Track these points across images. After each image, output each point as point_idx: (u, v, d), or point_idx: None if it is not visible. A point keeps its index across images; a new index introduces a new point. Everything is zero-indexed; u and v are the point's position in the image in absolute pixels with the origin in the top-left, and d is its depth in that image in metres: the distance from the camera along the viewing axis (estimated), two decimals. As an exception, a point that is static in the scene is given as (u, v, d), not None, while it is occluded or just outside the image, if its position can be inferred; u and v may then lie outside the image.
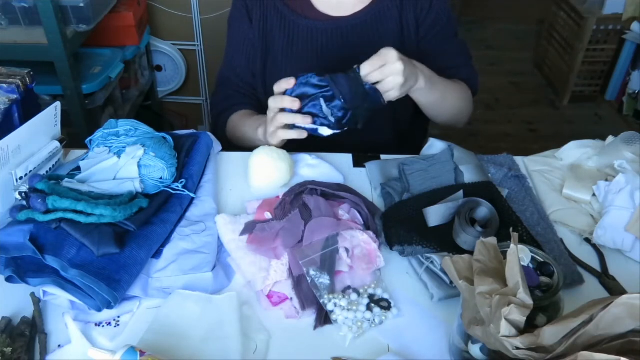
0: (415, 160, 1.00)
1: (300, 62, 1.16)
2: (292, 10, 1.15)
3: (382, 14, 1.14)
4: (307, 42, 1.15)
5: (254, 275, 0.80)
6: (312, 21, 1.14)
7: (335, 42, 1.15)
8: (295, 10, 1.15)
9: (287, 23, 1.15)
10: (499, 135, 2.72)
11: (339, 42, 1.15)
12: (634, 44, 2.64)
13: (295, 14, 1.15)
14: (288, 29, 1.16)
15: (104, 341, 0.73)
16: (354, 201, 0.90)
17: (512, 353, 0.55)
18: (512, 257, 0.59)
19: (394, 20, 1.14)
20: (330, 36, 1.15)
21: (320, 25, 1.14)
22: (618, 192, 0.88)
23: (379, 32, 1.14)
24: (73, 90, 1.65)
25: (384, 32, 1.14)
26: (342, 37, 1.14)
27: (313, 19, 1.14)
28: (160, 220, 0.84)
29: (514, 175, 0.99)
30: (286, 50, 1.16)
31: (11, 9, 1.59)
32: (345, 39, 1.14)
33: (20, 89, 0.97)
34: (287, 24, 1.15)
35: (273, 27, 1.16)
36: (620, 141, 1.00)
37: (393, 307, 0.77)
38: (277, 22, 1.16)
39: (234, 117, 1.19)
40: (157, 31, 2.28)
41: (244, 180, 1.00)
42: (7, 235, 0.78)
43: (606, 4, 2.66)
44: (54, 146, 0.95)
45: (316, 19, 1.14)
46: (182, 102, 2.50)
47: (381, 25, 1.14)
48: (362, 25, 1.14)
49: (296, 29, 1.15)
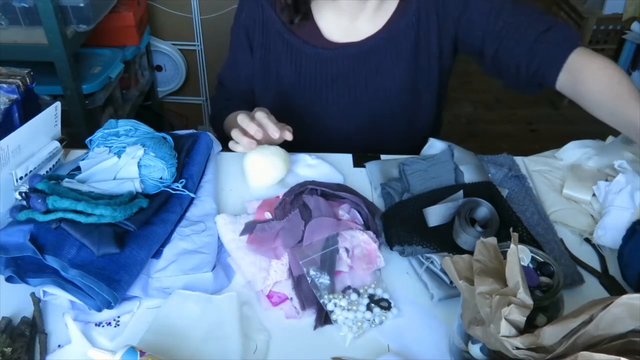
0: (415, 160, 1.00)
1: (308, 90, 1.14)
2: (299, 38, 1.10)
3: (395, 37, 1.08)
4: (315, 71, 1.11)
5: (254, 275, 0.80)
6: (320, 49, 1.10)
7: (345, 69, 1.11)
8: (302, 38, 1.10)
9: (294, 51, 1.11)
10: (499, 135, 2.72)
11: (349, 69, 1.11)
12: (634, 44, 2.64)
13: (302, 42, 1.10)
14: (294, 57, 1.12)
15: (104, 341, 0.73)
16: (354, 201, 0.90)
17: (512, 353, 0.55)
18: (512, 257, 0.59)
19: (409, 41, 1.08)
20: (339, 64, 1.10)
21: (329, 53, 1.10)
22: (618, 192, 0.88)
23: (391, 58, 1.09)
24: (73, 90, 1.65)
25: (397, 57, 1.09)
26: (352, 64, 1.10)
27: (321, 47, 1.10)
28: (160, 220, 0.84)
29: (514, 175, 0.99)
30: (294, 79, 1.13)
31: (11, 9, 1.59)
32: (355, 66, 1.10)
33: (20, 89, 0.97)
34: (294, 52, 1.11)
35: (279, 55, 1.13)
36: (620, 141, 1.01)
37: (393, 307, 0.77)
38: (283, 49, 1.12)
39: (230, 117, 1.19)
40: (157, 31, 2.28)
41: (244, 180, 1.00)
42: (7, 235, 0.78)
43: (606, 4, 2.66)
44: (54, 146, 0.95)
45: (324, 47, 1.10)
46: (182, 102, 2.50)
47: (394, 50, 1.09)
48: (373, 53, 1.09)
49: (304, 57, 1.11)
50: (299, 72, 1.13)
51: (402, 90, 1.12)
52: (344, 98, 1.14)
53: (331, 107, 1.15)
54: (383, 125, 1.17)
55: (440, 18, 1.07)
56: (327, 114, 1.16)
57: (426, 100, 1.16)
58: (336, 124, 1.16)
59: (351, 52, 1.10)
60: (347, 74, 1.11)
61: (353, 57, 1.10)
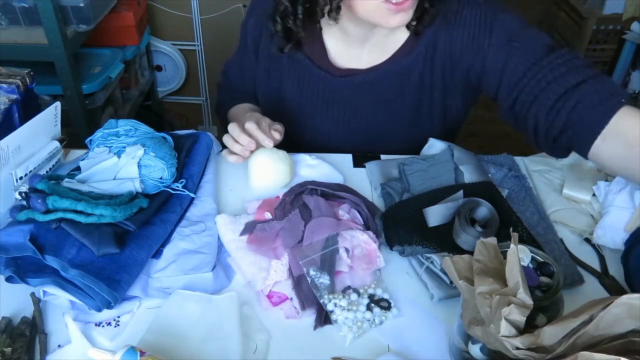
0: (415, 160, 1.00)
1: (308, 110, 1.12)
2: (305, 56, 1.08)
3: (400, 73, 1.04)
4: (317, 92, 1.10)
5: (254, 275, 0.80)
6: (324, 72, 1.07)
7: (346, 96, 1.08)
8: (308, 56, 1.08)
9: (299, 68, 1.09)
10: (499, 135, 2.71)
11: (350, 97, 1.08)
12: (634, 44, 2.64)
13: (307, 60, 1.08)
14: (300, 75, 1.10)
15: (104, 341, 0.73)
16: (354, 201, 0.90)
17: (512, 353, 0.55)
18: (512, 257, 0.59)
19: (413, 80, 1.04)
20: (341, 90, 1.08)
21: (332, 78, 1.07)
22: (618, 192, 0.88)
23: (394, 91, 1.06)
24: (73, 90, 1.65)
25: (401, 92, 1.06)
26: (354, 92, 1.08)
27: (325, 69, 1.08)
28: (160, 220, 0.84)
29: (514, 175, 0.99)
30: (296, 95, 1.12)
31: (11, 9, 1.60)
32: (356, 95, 1.08)
33: (20, 89, 0.97)
34: (300, 69, 1.09)
35: (283, 69, 1.11)
36: (620, 141, 1.00)
37: (393, 307, 0.77)
38: (288, 65, 1.10)
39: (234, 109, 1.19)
40: (157, 31, 2.28)
41: (244, 180, 1.00)
42: (7, 235, 0.78)
43: (606, 4, 2.65)
44: (54, 146, 0.95)
45: (328, 70, 1.07)
46: (182, 102, 2.50)
47: (398, 85, 1.05)
48: (377, 84, 1.06)
49: (307, 77, 1.09)
50: (300, 90, 1.11)
51: (403, 126, 1.09)
52: (343, 123, 1.12)
53: (330, 127, 1.13)
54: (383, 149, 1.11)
55: (447, 64, 1.01)
56: (326, 133, 1.14)
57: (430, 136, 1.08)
58: (335, 144, 1.13)
59: (355, 80, 1.07)
60: (347, 101, 1.09)
61: (355, 86, 1.07)
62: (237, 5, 2.18)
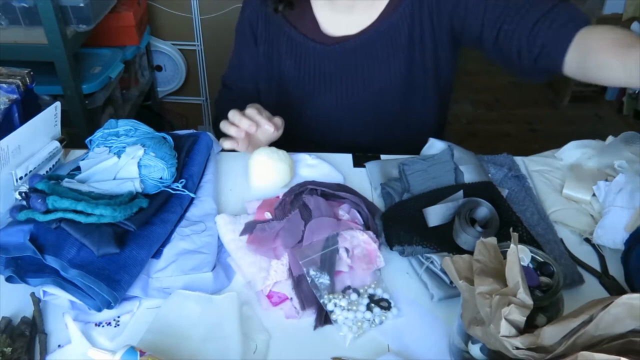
0: (415, 160, 1.00)
1: (309, 84, 1.16)
2: (300, 33, 1.13)
3: (389, 30, 1.09)
4: (314, 65, 1.14)
5: (254, 275, 0.80)
6: (319, 43, 1.13)
7: (342, 63, 1.13)
8: (303, 33, 1.13)
9: (294, 45, 1.14)
10: (499, 135, 2.72)
11: (346, 63, 1.13)
12: (634, 44, 2.64)
13: (302, 37, 1.13)
14: (296, 52, 1.15)
15: (104, 341, 0.73)
16: (354, 201, 0.90)
17: (512, 353, 0.55)
18: (512, 257, 0.59)
19: (403, 34, 1.09)
20: (337, 58, 1.13)
21: (327, 48, 1.12)
22: (618, 192, 0.88)
23: (387, 52, 1.11)
24: (73, 90, 1.65)
25: (393, 52, 1.10)
26: (349, 57, 1.12)
27: (319, 41, 1.13)
28: (160, 220, 0.84)
29: (514, 175, 0.99)
30: (294, 72, 1.16)
31: (11, 9, 1.59)
32: (351, 60, 1.12)
33: (20, 89, 0.97)
34: (295, 46, 1.14)
35: (280, 49, 1.16)
36: (620, 141, 1.01)
37: (393, 307, 0.77)
38: (285, 44, 1.15)
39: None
40: (157, 31, 2.28)
41: (244, 180, 1.00)
42: (7, 235, 0.78)
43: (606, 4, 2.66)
44: (54, 146, 0.95)
45: (322, 42, 1.13)
46: (182, 102, 2.50)
47: (389, 44, 1.10)
48: (369, 46, 1.11)
49: (304, 52, 1.14)
50: (298, 66, 1.15)
51: (399, 85, 1.13)
52: (342, 92, 1.15)
53: (330, 101, 1.17)
54: (382, 121, 1.17)
55: (434, 13, 1.06)
56: (326, 108, 1.18)
57: (426, 98, 1.16)
58: (334, 119, 1.18)
59: (348, 46, 1.11)
60: (344, 67, 1.13)
61: (350, 51, 1.12)
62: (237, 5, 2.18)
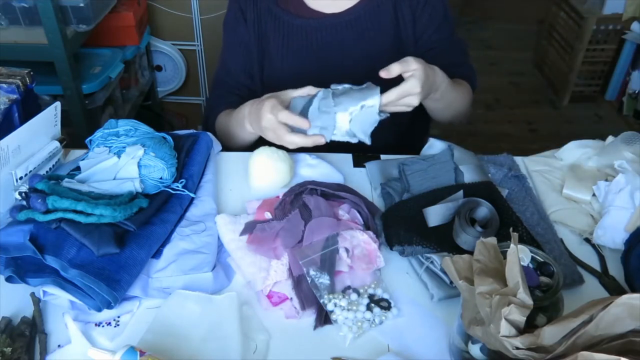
0: (415, 160, 1.00)
1: (297, 62, 1.16)
2: (286, 11, 1.15)
3: (376, 9, 1.14)
4: (302, 41, 1.15)
5: (254, 275, 0.80)
6: (306, 20, 1.14)
7: (331, 39, 1.15)
8: (288, 11, 1.15)
9: (280, 24, 1.16)
10: (499, 135, 2.72)
11: (334, 39, 1.15)
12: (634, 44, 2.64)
13: (288, 14, 1.15)
14: (282, 30, 1.16)
15: (104, 341, 0.73)
16: (354, 201, 0.90)
17: (512, 353, 0.55)
18: (512, 257, 0.59)
19: (388, 14, 1.14)
20: (325, 34, 1.15)
21: (314, 23, 1.14)
22: (618, 192, 0.88)
23: (374, 27, 1.14)
24: (73, 90, 1.65)
25: (379, 27, 1.14)
26: (337, 34, 1.15)
27: (307, 17, 1.15)
28: (160, 220, 0.84)
29: (514, 175, 0.99)
30: (282, 50, 1.16)
31: (11, 9, 1.59)
32: (340, 36, 1.15)
33: (20, 89, 0.97)
34: (281, 24, 1.16)
35: (267, 29, 1.17)
36: (620, 141, 1.00)
37: (393, 307, 0.77)
38: (272, 23, 1.16)
39: (221, 115, 1.18)
40: (157, 31, 2.28)
41: (244, 180, 1.00)
42: (7, 235, 0.78)
43: (606, 4, 2.65)
44: (54, 146, 0.95)
45: (310, 17, 1.15)
46: (182, 102, 2.50)
47: (376, 20, 1.14)
48: (356, 21, 1.14)
49: (290, 29, 1.15)
50: (287, 45, 1.16)
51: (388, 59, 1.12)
52: (331, 68, 1.16)
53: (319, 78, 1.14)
54: None
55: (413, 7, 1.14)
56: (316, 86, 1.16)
57: None
58: None
59: (336, 21, 1.14)
60: (332, 42, 1.15)
61: (338, 25, 1.14)
62: (237, 5, 2.17)
